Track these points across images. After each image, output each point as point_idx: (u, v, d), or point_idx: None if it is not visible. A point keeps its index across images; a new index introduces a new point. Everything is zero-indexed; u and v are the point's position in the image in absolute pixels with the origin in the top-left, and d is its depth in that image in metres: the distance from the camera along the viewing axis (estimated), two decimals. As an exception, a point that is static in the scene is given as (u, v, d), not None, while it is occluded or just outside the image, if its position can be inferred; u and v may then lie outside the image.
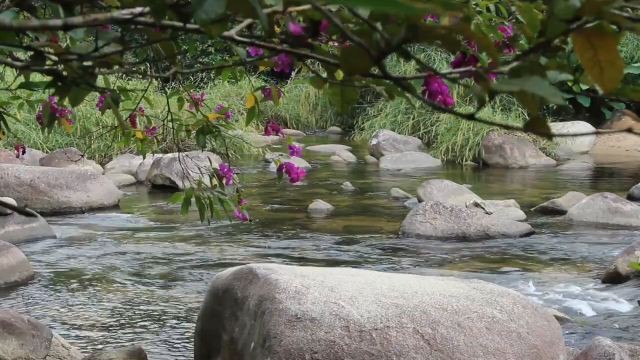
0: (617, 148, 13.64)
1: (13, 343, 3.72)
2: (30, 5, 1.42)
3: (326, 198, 8.85)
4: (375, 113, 15.01)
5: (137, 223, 7.87)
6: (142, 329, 4.71)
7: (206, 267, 6.11)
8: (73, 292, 5.45)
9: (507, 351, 2.98)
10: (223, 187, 2.57)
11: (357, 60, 0.85)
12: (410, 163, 12.01)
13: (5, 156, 9.57)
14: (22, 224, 6.87)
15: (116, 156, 11.06)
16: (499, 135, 12.31)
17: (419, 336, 2.94)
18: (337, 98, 1.08)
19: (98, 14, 0.96)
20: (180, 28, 1.02)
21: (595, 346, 3.49)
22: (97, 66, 1.17)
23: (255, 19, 0.99)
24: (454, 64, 1.08)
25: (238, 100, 15.27)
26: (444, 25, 0.81)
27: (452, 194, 8.52)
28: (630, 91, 0.83)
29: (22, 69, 1.36)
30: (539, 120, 0.80)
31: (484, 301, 3.18)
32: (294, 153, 2.55)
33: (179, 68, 1.37)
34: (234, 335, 3.38)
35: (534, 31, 0.89)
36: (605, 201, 7.77)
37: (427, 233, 7.12)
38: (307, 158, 12.19)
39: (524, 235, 7.18)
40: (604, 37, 0.78)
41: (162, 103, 9.02)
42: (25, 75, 2.02)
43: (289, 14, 0.96)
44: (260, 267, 3.49)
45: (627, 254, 5.60)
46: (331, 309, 3.04)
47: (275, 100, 2.37)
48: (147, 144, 2.96)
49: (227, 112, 2.71)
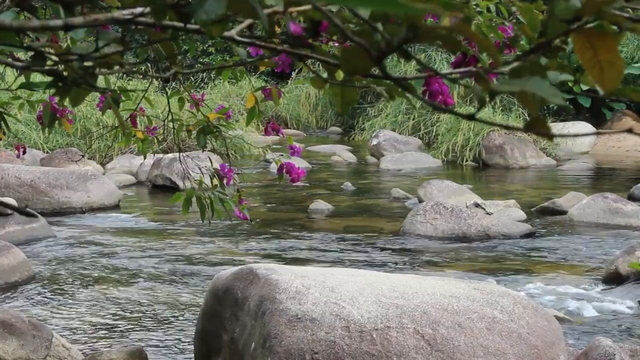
0: (617, 148, 13.64)
1: (13, 343, 3.72)
2: (30, 6, 1.42)
3: (326, 198, 8.85)
4: (376, 113, 15.00)
5: (138, 223, 7.87)
6: (143, 329, 4.71)
7: (206, 267, 6.11)
8: (73, 292, 5.45)
9: (508, 351, 2.98)
10: (224, 187, 2.58)
11: (358, 61, 0.85)
12: (411, 163, 12.01)
13: (6, 156, 9.57)
14: (23, 224, 6.87)
15: (117, 156, 11.06)
16: (500, 135, 12.30)
17: (419, 336, 2.94)
18: (338, 98, 1.09)
19: (98, 14, 0.96)
20: (181, 28, 1.02)
21: (596, 346, 3.49)
22: (97, 66, 1.17)
23: (255, 19, 0.99)
24: (454, 64, 1.08)
25: (238, 100, 15.27)
26: (445, 25, 0.81)
27: (453, 194, 8.52)
28: (631, 91, 0.83)
29: (22, 69, 1.36)
30: (540, 120, 0.80)
31: (485, 301, 3.18)
32: (295, 153, 2.56)
33: (180, 68, 1.37)
34: (234, 335, 3.38)
35: (534, 31, 0.89)
36: (605, 201, 7.77)
37: (427, 233, 7.12)
38: (308, 158, 12.19)
39: (525, 236, 7.18)
40: (605, 38, 0.78)
41: (163, 103, 9.02)
42: (25, 76, 2.02)
43: (290, 15, 0.96)
44: (261, 268, 3.49)
45: (628, 254, 5.60)
46: (332, 309, 3.04)
47: (276, 100, 2.37)
48: (147, 144, 2.96)
49: (228, 112, 2.71)
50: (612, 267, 5.67)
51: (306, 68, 1.65)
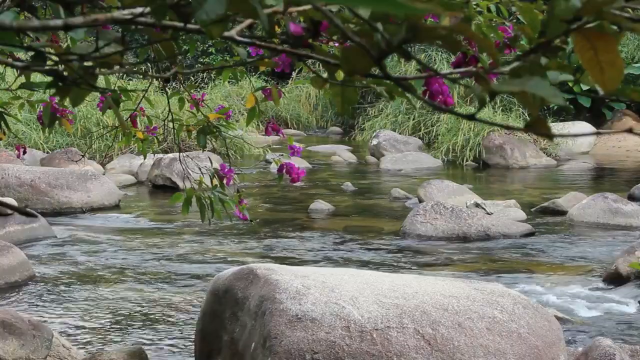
0: (617, 148, 13.64)
1: (14, 343, 3.72)
2: (30, 6, 1.42)
3: (327, 198, 8.85)
4: (376, 113, 15.00)
5: (138, 223, 7.87)
6: (143, 329, 4.71)
7: (207, 267, 6.11)
8: (73, 292, 5.45)
9: (508, 351, 2.98)
10: (224, 188, 2.57)
11: (358, 61, 0.85)
12: (411, 163, 12.01)
13: (6, 156, 9.57)
14: (23, 224, 6.87)
15: (117, 156, 11.06)
16: (500, 135, 12.30)
17: (419, 336, 2.94)
18: (338, 98, 1.08)
19: (98, 14, 0.96)
20: (181, 28, 1.02)
21: (596, 346, 3.49)
22: (97, 66, 1.17)
23: (255, 19, 0.99)
24: (454, 64, 1.08)
25: (239, 100, 15.27)
26: (445, 25, 0.81)
27: (453, 194, 8.52)
28: (631, 91, 0.83)
29: (22, 69, 1.36)
30: (540, 120, 0.80)
31: (485, 301, 3.18)
32: (295, 153, 2.55)
33: (180, 68, 1.37)
34: (234, 335, 3.38)
35: (534, 31, 0.89)
36: (605, 201, 7.77)
37: (427, 233, 7.12)
38: (308, 158, 12.19)
39: (525, 236, 7.18)
40: (605, 38, 0.78)
41: (163, 103, 9.02)
42: (26, 76, 2.02)
43: (290, 15, 0.96)
44: (261, 268, 3.49)
45: (628, 254, 5.60)
46: (332, 309, 3.04)
47: (276, 100, 2.37)
48: (147, 144, 2.96)
49: (228, 112, 2.71)
50: (612, 267, 5.67)
51: (306, 68, 1.65)
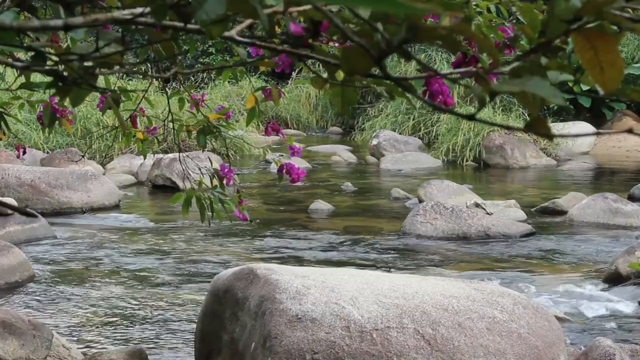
0: (617, 148, 13.64)
1: (14, 343, 3.72)
2: (30, 6, 1.42)
3: (327, 198, 8.85)
4: (376, 113, 15.00)
5: (138, 223, 7.87)
6: (143, 329, 4.71)
7: (206, 267, 6.11)
8: (73, 292, 5.45)
9: (508, 352, 2.98)
10: (223, 188, 2.57)
11: (358, 61, 0.85)
12: (411, 163, 12.00)
13: (6, 156, 9.57)
14: (23, 224, 6.87)
15: (117, 156, 11.06)
16: (500, 135, 12.30)
17: (419, 336, 2.94)
18: (338, 98, 1.08)
19: (99, 14, 0.96)
20: (181, 28, 1.02)
21: (596, 346, 3.49)
22: (97, 66, 1.17)
23: (255, 19, 0.99)
24: (454, 64, 1.08)
25: (239, 100, 15.26)
26: (445, 25, 0.81)
27: (453, 194, 8.52)
28: (631, 91, 0.83)
29: (22, 69, 1.36)
30: (540, 120, 0.80)
31: (485, 301, 3.18)
32: (295, 153, 2.55)
33: (180, 68, 1.37)
34: (234, 335, 3.38)
35: (534, 32, 0.89)
36: (605, 201, 7.77)
37: (427, 233, 7.12)
38: (308, 158, 12.19)
39: (525, 236, 7.18)
40: (605, 38, 0.78)
41: (163, 103, 9.02)
42: (26, 76, 2.02)
43: (290, 15, 0.96)
44: (261, 268, 3.49)
45: (628, 254, 5.60)
46: (332, 309, 3.04)
47: (276, 100, 2.37)
48: (147, 144, 2.96)
49: (228, 112, 2.71)
50: (612, 267, 5.67)
51: (306, 68, 1.65)
